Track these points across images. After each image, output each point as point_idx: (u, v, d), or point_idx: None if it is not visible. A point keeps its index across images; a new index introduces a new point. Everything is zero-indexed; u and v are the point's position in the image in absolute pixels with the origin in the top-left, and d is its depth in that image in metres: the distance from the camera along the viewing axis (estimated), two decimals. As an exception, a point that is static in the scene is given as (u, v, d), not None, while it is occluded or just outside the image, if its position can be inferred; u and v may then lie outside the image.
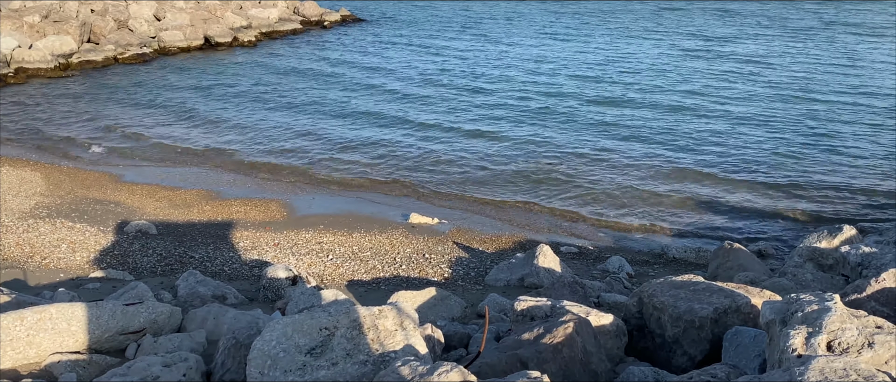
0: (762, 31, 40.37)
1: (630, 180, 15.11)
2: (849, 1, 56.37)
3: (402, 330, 4.08)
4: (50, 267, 10.18)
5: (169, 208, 13.53)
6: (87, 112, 22.38)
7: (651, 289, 5.39)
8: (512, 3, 66.38)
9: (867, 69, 27.49)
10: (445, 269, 10.46)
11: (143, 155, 17.72)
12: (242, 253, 11.04)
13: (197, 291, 8.15)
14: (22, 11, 33.51)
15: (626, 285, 9.15)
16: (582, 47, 35.72)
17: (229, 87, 26.51)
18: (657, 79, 26.48)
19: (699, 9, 54.54)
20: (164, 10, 38.88)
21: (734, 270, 8.44)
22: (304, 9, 48.55)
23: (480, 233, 12.42)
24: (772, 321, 3.82)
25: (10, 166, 16.10)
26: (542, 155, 16.94)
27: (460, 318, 7.22)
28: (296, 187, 15.17)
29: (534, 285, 8.88)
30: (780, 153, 16.75)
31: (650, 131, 18.92)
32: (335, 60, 32.96)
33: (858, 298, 4.90)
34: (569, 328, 4.41)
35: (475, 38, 40.33)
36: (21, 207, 13.05)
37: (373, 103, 23.27)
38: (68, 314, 5.11)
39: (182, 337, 5.38)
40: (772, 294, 5.18)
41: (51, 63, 29.47)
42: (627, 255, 11.20)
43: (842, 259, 6.94)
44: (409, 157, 17.15)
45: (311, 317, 4.10)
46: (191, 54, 35.21)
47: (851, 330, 3.42)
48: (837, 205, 13.60)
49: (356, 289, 9.44)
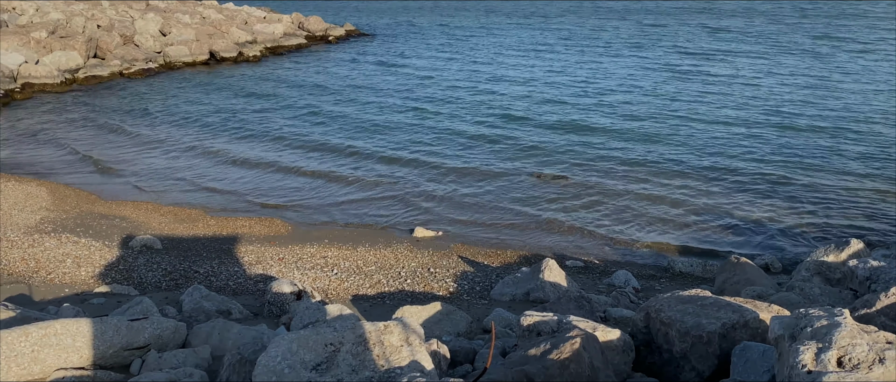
0: (764, 45, 40.41)
1: (635, 193, 15.07)
2: (846, 19, 56.47)
3: (408, 346, 4.06)
4: (55, 282, 10.18)
5: (174, 222, 13.54)
6: (92, 126, 22.47)
7: (658, 304, 5.36)
8: (513, 17, 66.69)
9: (873, 82, 27.46)
10: (450, 283, 10.43)
11: (148, 170, 17.75)
12: (247, 268, 11.02)
13: (202, 306, 8.14)
14: (29, 27, 33.76)
15: (633, 299, 9.10)
16: (581, 61, 35.80)
17: (233, 102, 26.61)
18: (660, 92, 26.48)
19: (700, 24, 54.69)
20: (170, 25, 39.13)
21: (741, 284, 8.39)
22: (309, 24, 48.82)
23: (485, 247, 12.38)
24: (781, 336, 3.79)
25: (16, 181, 16.16)
26: (547, 169, 16.93)
27: (466, 333, 7.18)
28: (299, 203, 15.17)
29: (539, 299, 8.84)
30: (786, 167, 16.70)
31: (655, 146, 18.90)
32: (338, 76, 33.09)
33: (868, 313, 4.86)
34: (576, 343, 4.38)
35: (477, 52, 40.45)
36: (26, 222, 13.08)
37: (375, 115, 23.31)
38: (73, 330, 5.10)
39: (187, 353, 5.36)
40: (780, 309, 5.14)
41: (57, 78, 29.65)
42: (633, 269, 11.15)
43: (850, 273, 6.89)
44: (410, 172, 17.15)
45: (317, 333, 4.08)
46: (196, 69, 35.39)
47: (862, 346, 3.38)
48: (844, 218, 13.53)
49: (361, 304, 9.41)
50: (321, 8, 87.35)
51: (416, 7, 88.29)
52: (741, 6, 71.25)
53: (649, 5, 77.56)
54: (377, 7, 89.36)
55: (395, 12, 78.10)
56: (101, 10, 42.40)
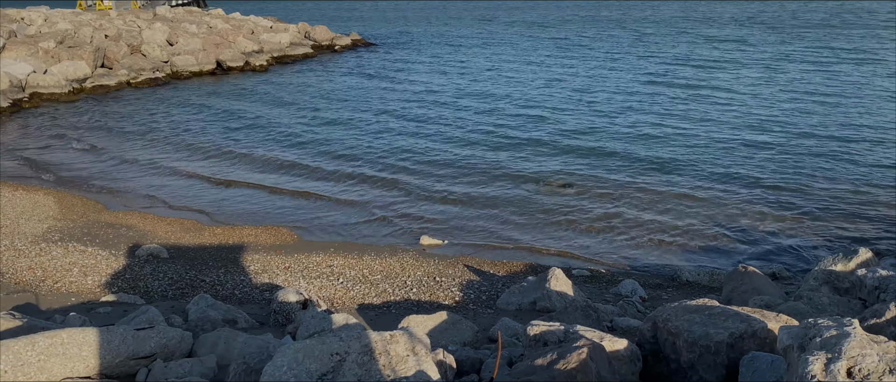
0: (767, 54, 40.36)
1: (641, 202, 15.04)
2: (847, 28, 56.41)
3: (414, 356, 4.05)
4: (62, 291, 10.20)
5: (180, 231, 13.56)
6: (99, 135, 22.57)
7: (665, 313, 5.32)
8: (514, 28, 66.82)
9: (879, 91, 27.38)
10: (456, 292, 10.40)
11: (155, 180, 17.81)
12: (253, 277, 11.03)
13: (208, 315, 8.13)
14: (38, 37, 33.99)
15: (640, 308, 9.06)
16: (587, 70, 35.82)
17: (239, 111, 26.70)
18: (665, 101, 26.46)
19: (704, 36, 54.67)
20: (177, 35, 39.33)
21: (749, 293, 8.33)
22: (316, 33, 49.01)
23: (491, 256, 12.36)
24: (789, 346, 3.76)
25: (24, 190, 16.23)
26: (553, 178, 16.91)
27: (472, 343, 7.15)
28: (305, 212, 15.19)
29: (546, 308, 8.80)
30: (793, 175, 16.64)
31: (661, 155, 18.86)
32: (344, 85, 33.20)
33: (877, 323, 4.82)
34: (582, 353, 4.35)
35: (482, 62, 40.53)
36: (34, 231, 13.12)
37: (381, 123, 23.36)
38: (79, 339, 5.10)
39: (192, 362, 5.35)
40: (788, 319, 5.10)
41: (65, 88, 29.82)
42: (640, 278, 11.10)
43: (858, 283, 6.85)
44: (416, 180, 17.15)
45: (322, 342, 4.07)
46: (202, 79, 35.55)
47: (872, 356, 3.35)
48: (852, 227, 13.46)
49: (367, 313, 9.40)
50: (327, 17, 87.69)
51: (421, 17, 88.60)
52: (742, 14, 71.25)
53: (648, 14, 77.67)
54: (384, 17, 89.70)
55: (402, 22, 78.39)
56: (109, 21, 42.67)
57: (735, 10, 76.47)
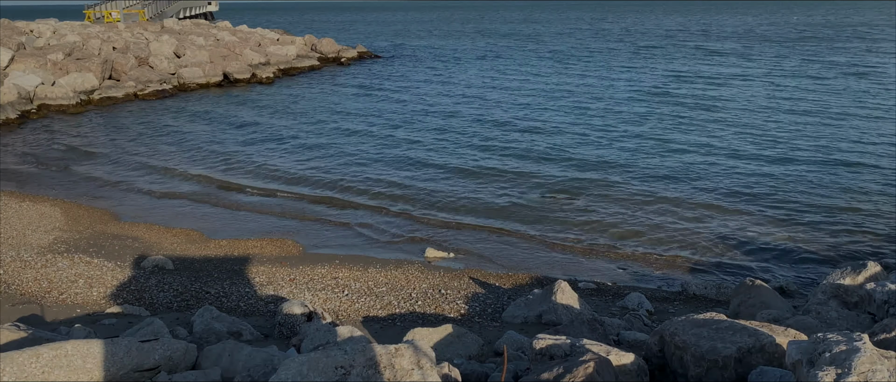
0: (769, 68, 40.33)
1: (648, 215, 14.99)
2: (846, 41, 56.43)
3: (419, 369, 4.02)
4: (67, 303, 10.20)
5: (185, 243, 13.57)
6: (106, 147, 22.66)
7: (672, 327, 5.28)
8: (516, 40, 67.03)
9: (885, 103, 27.30)
10: (462, 305, 10.36)
11: (161, 191, 17.85)
12: (258, 289, 11.01)
13: (212, 327, 8.11)
14: (46, 49, 34.22)
15: (646, 322, 9.00)
16: (590, 84, 35.86)
17: (245, 123, 26.79)
18: (670, 115, 26.44)
19: (705, 49, 54.73)
20: (184, 47, 39.56)
21: (757, 307, 8.27)
22: (322, 46, 49.22)
23: (497, 268, 12.32)
24: (798, 361, 3.72)
25: (31, 200, 16.28)
26: (559, 190, 16.88)
27: (477, 356, 7.11)
28: (310, 223, 15.18)
29: (552, 322, 8.75)
30: (800, 188, 16.57)
31: (667, 168, 18.82)
32: (350, 97, 33.30)
33: (887, 338, 4.77)
34: (589, 367, 4.32)
35: (484, 74, 40.63)
36: (40, 242, 13.15)
37: (385, 135, 23.40)
38: (84, 351, 5.08)
39: (197, 375, 5.33)
40: (797, 333, 5.06)
41: (73, 99, 29.98)
42: (647, 291, 11.04)
43: (867, 297, 6.79)
44: (422, 192, 17.14)
45: (327, 355, 4.04)
46: (209, 90, 35.72)
47: (882, 372, 3.31)
48: (860, 240, 13.37)
49: (372, 325, 9.36)
50: (334, 30, 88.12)
51: (424, 30, 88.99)
52: (741, 28, 71.25)
53: (647, 27, 77.71)
54: (388, 30, 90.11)
55: (408, 35, 78.73)
56: (117, 33, 42.95)
57: (736, 23, 76.48)
